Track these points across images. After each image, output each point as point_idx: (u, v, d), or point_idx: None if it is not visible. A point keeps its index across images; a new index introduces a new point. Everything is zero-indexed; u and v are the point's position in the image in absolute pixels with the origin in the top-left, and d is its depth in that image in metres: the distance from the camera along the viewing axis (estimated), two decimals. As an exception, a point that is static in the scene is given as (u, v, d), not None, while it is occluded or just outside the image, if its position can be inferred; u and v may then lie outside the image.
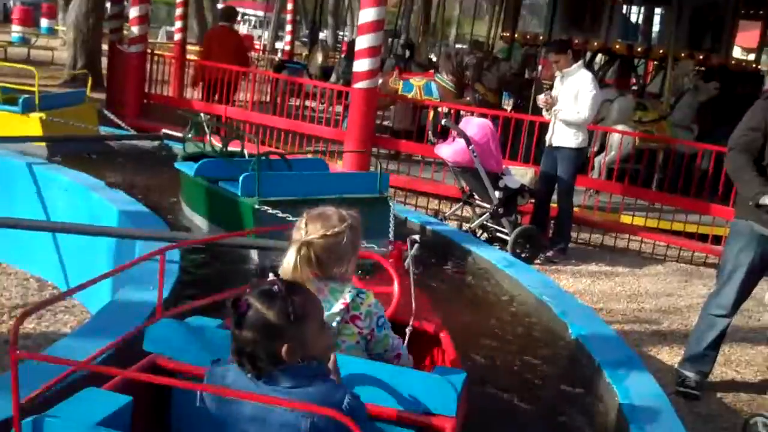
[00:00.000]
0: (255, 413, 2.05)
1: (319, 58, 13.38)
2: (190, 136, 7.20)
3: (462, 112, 9.31)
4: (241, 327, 2.05)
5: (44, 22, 30.86)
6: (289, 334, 2.04)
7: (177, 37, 15.69)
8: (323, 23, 25.23)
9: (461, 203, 7.96)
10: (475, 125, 7.40)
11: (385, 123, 11.80)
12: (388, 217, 5.74)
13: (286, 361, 2.04)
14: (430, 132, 9.45)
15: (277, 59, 14.69)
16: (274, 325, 2.04)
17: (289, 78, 11.28)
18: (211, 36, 12.41)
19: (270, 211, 5.33)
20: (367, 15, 8.54)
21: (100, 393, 2.10)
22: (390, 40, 14.51)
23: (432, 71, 11.38)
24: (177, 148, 8.09)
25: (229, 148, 7.00)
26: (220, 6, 38.72)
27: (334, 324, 2.54)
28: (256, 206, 5.39)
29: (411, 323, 3.03)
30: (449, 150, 7.43)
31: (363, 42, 8.61)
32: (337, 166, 9.13)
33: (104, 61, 17.72)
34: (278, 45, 26.87)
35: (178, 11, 15.62)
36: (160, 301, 2.60)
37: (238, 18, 40.19)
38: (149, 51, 12.12)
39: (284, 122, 10.17)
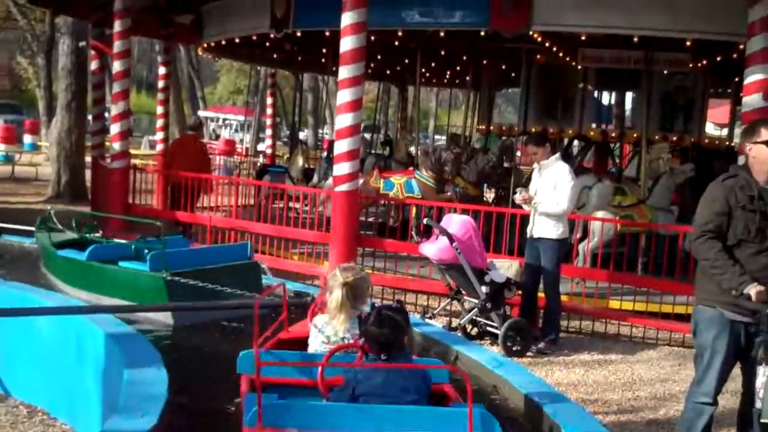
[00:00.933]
0: (386, 380, 3.62)
1: (300, 161, 13.56)
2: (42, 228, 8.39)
3: (444, 209, 9.39)
4: (381, 326, 3.77)
5: (27, 139, 31.17)
6: (407, 332, 3.87)
7: (159, 147, 15.91)
8: (303, 123, 25.63)
9: (449, 299, 7.97)
10: (456, 222, 7.48)
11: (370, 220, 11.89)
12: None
13: (405, 347, 3.84)
14: (413, 231, 9.53)
15: (259, 163, 14.88)
16: (401, 326, 3.83)
17: (270, 184, 11.41)
18: (176, 144, 13.14)
19: (182, 281, 6.42)
20: (345, 120, 8.71)
21: None
22: (369, 135, 14.78)
23: (411, 169, 11.56)
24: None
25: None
26: (200, 113, 39.44)
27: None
28: (168, 278, 6.34)
29: None
30: (433, 248, 7.49)
31: (342, 146, 8.76)
32: (323, 268, 9.19)
33: (88, 173, 17.92)
34: (260, 147, 27.20)
35: (160, 122, 15.89)
36: None
37: (220, 122, 40.96)
38: (132, 166, 12.24)
39: (269, 228, 10.23)
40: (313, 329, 4.50)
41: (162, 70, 16.13)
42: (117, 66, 11.38)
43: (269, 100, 18.48)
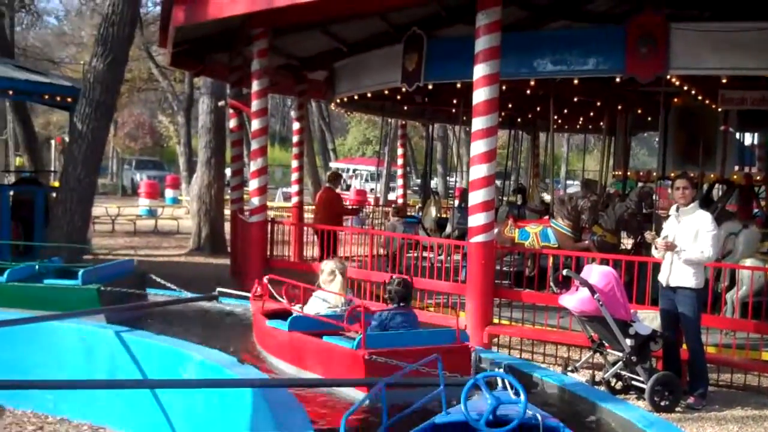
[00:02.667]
0: (403, 319, 6.88)
1: (433, 211, 13.60)
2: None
3: (583, 259, 9.20)
4: (400, 286, 6.97)
5: (169, 193, 32.57)
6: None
7: (294, 200, 16.31)
8: (432, 171, 25.79)
9: (592, 352, 7.77)
10: (598, 273, 7.30)
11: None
12: None
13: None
14: (552, 282, 9.38)
15: (390, 213, 15.05)
16: (410, 287, 7.12)
17: (405, 236, 11.46)
18: (319, 198, 13.76)
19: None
20: (479, 171, 8.70)
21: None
22: (500, 182, 14.71)
23: (547, 217, 11.41)
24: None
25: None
26: (332, 165, 40.21)
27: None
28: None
29: None
30: (574, 300, 7.33)
31: (476, 197, 8.74)
32: (460, 319, 9.12)
33: (227, 226, 18.52)
34: (390, 196, 27.50)
35: (294, 176, 16.28)
36: None
37: (350, 173, 41.67)
38: (269, 220, 12.56)
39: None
40: (316, 299, 7.51)
41: (296, 125, 16.58)
42: (255, 124, 11.75)
43: (400, 151, 18.68)
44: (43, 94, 12.97)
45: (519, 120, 17.08)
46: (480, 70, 8.66)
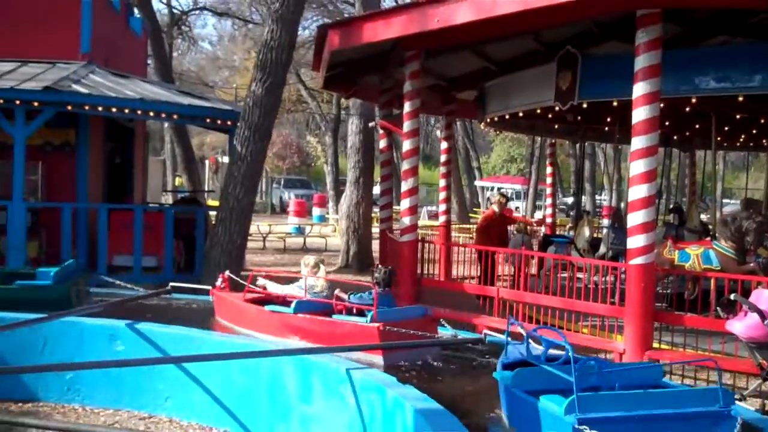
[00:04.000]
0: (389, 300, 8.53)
1: (586, 231, 13.35)
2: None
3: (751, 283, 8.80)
4: (385, 275, 8.46)
5: (316, 211, 33.31)
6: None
7: (442, 219, 16.36)
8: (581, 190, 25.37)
9: (761, 380, 7.41)
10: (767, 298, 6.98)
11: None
12: None
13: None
14: (717, 306, 9.00)
15: (541, 233, 14.85)
16: (394, 274, 9.06)
17: (557, 256, 11.30)
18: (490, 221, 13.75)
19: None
20: (639, 191, 8.49)
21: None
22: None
23: (708, 239, 11.00)
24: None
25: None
26: (476, 183, 40.08)
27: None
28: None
29: None
30: (742, 326, 7.04)
31: (636, 218, 8.52)
32: (617, 343, 8.91)
33: (374, 244, 18.76)
34: (537, 215, 27.19)
35: (442, 195, 16.33)
36: None
37: (495, 191, 41.47)
38: (420, 239, 12.63)
39: (557, 301, 10.10)
40: (295, 287, 8.84)
41: (444, 145, 16.65)
42: (406, 145, 11.86)
43: (549, 169, 18.46)
44: (205, 117, 13.55)
45: (675, 138, 16.55)
46: (640, 89, 8.46)
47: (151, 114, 13.23)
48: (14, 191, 12.31)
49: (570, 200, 42.03)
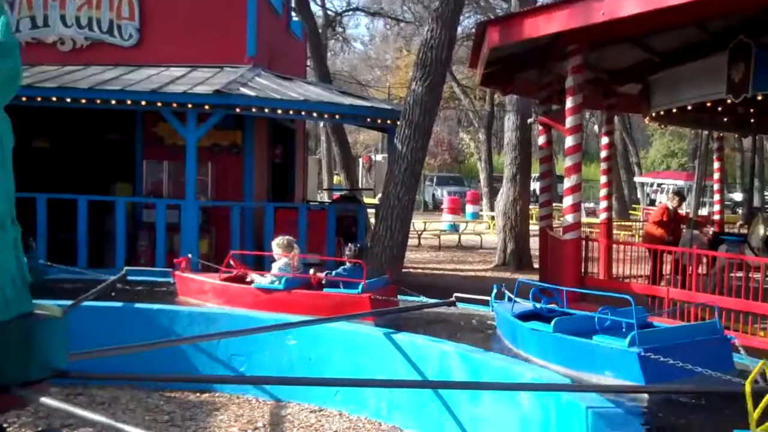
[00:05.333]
0: (359, 271, 9.03)
1: (761, 230, 12.68)
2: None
3: None
4: (357, 250, 9.36)
5: (469, 208, 33.26)
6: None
7: (603, 216, 15.98)
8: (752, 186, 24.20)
9: None
10: None
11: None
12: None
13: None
14: None
15: (710, 231, 14.23)
16: (364, 250, 10.24)
17: (731, 255, 10.83)
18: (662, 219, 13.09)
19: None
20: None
21: None
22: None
23: None
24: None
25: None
26: (636, 180, 38.97)
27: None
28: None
29: None
30: None
31: (821, 215, 8.06)
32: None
33: (531, 242, 18.56)
34: (701, 212, 26.12)
35: (603, 191, 15.95)
36: None
37: (655, 187, 40.19)
38: (583, 238, 12.40)
39: (733, 302, 9.68)
40: (277, 265, 9.29)
41: (604, 140, 16.25)
42: (569, 141, 11.66)
43: (716, 164, 17.71)
44: (366, 117, 13.76)
45: None
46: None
47: (314, 114, 13.56)
48: (187, 191, 12.89)
49: (735, 196, 40.25)
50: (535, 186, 24.56)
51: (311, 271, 9.38)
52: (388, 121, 13.41)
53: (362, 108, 13.55)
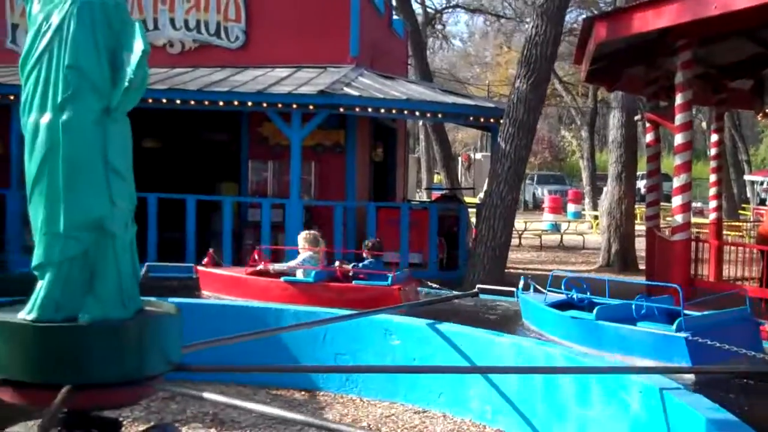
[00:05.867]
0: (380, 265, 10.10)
1: None
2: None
3: None
4: (379, 245, 10.22)
5: (571, 208, 32.71)
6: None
7: (712, 216, 15.49)
8: None
9: None
10: None
11: None
12: None
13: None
14: None
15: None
16: (382, 245, 10.61)
17: None
18: None
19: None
20: None
21: None
22: None
23: None
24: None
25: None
26: (746, 178, 37.68)
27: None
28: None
29: None
30: None
31: None
32: None
33: (637, 242, 18.12)
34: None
35: (712, 191, 15.47)
36: None
37: (766, 186, 38.76)
38: (694, 238, 12.03)
39: None
40: (301, 258, 9.80)
41: (713, 138, 15.74)
42: (679, 138, 11.33)
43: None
44: (468, 115, 13.69)
45: None
46: None
47: (417, 114, 13.56)
48: (291, 190, 13.08)
49: None
50: (640, 185, 24.00)
51: (336, 264, 9.91)
52: (491, 120, 13.30)
53: (465, 106, 13.47)
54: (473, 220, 15.16)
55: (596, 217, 26.53)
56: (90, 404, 3.97)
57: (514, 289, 9.30)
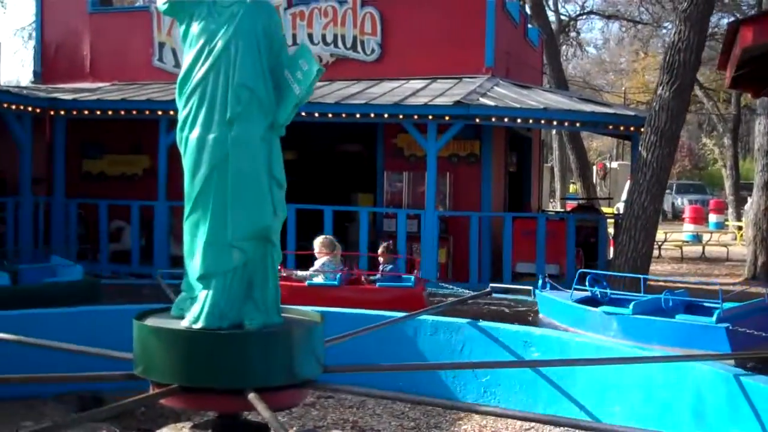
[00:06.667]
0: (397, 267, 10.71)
1: None
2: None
3: None
4: (393, 248, 11.10)
5: (713, 218, 31.51)
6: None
7: None
8: None
9: None
10: None
11: None
12: None
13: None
14: None
15: None
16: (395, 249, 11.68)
17: None
18: None
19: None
20: None
21: None
22: None
23: None
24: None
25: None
26: None
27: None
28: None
29: None
30: None
31: None
32: None
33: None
34: None
35: None
36: None
37: None
38: None
39: None
40: (319, 262, 10.02)
41: None
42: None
43: None
44: (608, 124, 13.37)
45: None
46: None
47: (554, 123, 13.38)
48: (427, 201, 13.13)
49: None
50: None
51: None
52: (632, 128, 12.95)
53: (605, 115, 13.17)
54: (610, 231, 14.82)
55: (740, 228, 25.45)
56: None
57: (528, 288, 10.31)
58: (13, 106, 13.66)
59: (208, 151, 3.88)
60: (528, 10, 21.34)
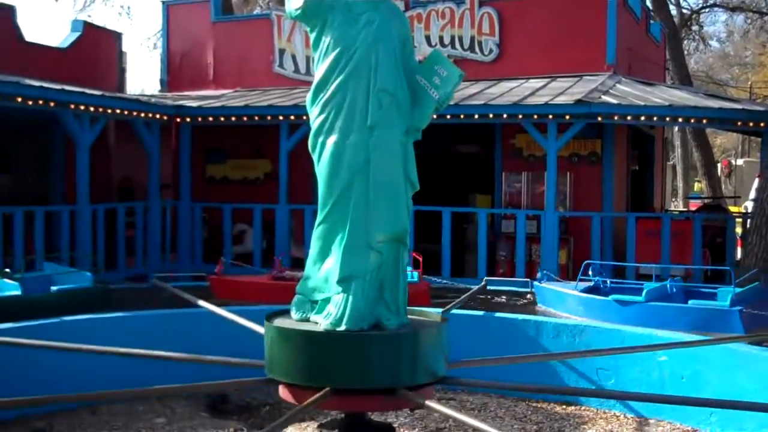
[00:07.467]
0: None
1: None
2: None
3: None
4: None
5: None
6: None
7: None
8: None
9: None
10: None
11: None
12: None
13: None
14: None
15: None
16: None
17: None
18: None
19: None
20: None
21: None
22: None
23: None
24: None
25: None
26: None
27: None
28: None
29: None
30: None
31: None
32: None
33: None
34: None
35: None
36: None
37: None
38: None
39: None
40: None
41: None
42: None
43: None
44: (736, 120, 12.90)
45: None
46: None
47: (680, 120, 13.00)
48: (546, 201, 12.97)
49: None
50: None
51: None
52: (761, 124, 12.45)
53: (733, 111, 12.70)
54: (737, 230, 14.31)
55: None
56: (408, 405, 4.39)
57: (522, 279, 11.44)
58: (142, 114, 14.21)
59: (347, 157, 3.96)
60: (649, 4, 20.77)
